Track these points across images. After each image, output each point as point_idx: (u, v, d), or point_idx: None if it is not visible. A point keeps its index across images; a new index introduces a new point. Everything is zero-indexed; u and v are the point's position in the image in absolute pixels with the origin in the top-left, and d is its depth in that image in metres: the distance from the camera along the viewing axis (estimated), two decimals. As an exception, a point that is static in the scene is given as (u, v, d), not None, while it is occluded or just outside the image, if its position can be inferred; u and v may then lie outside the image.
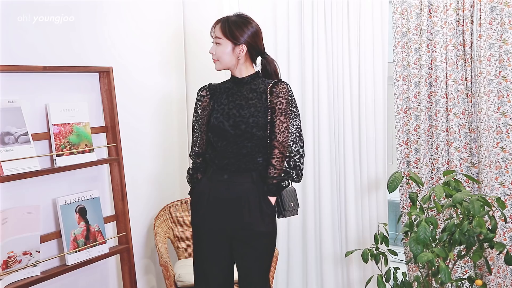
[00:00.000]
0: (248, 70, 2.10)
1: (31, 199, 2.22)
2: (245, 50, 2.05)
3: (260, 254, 2.09)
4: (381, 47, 2.76)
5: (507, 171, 2.39)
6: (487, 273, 2.47)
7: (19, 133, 2.11)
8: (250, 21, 2.08)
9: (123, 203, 2.55)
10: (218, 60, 2.09)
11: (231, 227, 2.07)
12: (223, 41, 2.05)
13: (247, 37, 2.04)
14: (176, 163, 3.17)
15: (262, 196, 2.05)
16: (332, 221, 2.88)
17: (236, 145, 2.04)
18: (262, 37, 2.11)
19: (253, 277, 2.10)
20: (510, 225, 2.41)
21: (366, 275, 2.82)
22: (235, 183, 2.06)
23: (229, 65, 2.09)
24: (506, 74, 2.36)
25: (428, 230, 2.12)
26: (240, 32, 2.03)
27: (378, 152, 2.83)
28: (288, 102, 2.04)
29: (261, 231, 2.05)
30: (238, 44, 2.04)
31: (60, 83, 2.37)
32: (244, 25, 2.05)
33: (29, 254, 2.13)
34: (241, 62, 2.07)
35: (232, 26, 2.04)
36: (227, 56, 2.06)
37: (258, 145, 2.05)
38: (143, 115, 2.89)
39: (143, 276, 2.91)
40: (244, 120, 2.02)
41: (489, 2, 2.36)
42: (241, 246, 2.08)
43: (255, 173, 2.06)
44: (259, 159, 2.06)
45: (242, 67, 2.09)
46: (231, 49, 2.05)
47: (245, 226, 2.05)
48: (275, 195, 2.07)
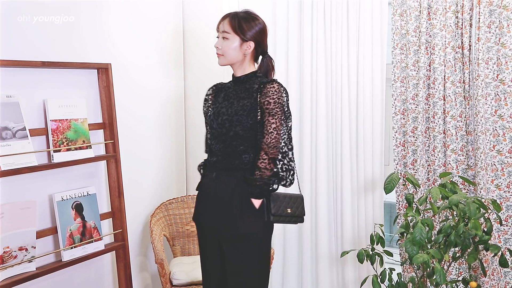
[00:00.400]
0: (250, 68, 2.08)
1: (27, 195, 2.21)
2: (253, 47, 2.02)
3: (245, 258, 2.00)
4: (380, 49, 2.76)
5: (503, 174, 2.40)
6: (481, 275, 2.48)
7: (16, 128, 2.11)
8: (258, 18, 2.05)
9: (119, 200, 2.55)
10: (223, 55, 2.05)
11: (217, 226, 2.03)
12: (231, 36, 2.01)
13: (255, 34, 2.02)
14: (173, 161, 3.17)
15: (245, 197, 1.97)
16: (328, 221, 2.89)
17: (223, 143, 2.01)
18: (267, 36, 2.09)
19: (235, 280, 2.03)
20: (505, 227, 2.43)
21: (361, 276, 2.83)
22: (221, 182, 2.02)
23: (234, 61, 2.05)
24: (504, 78, 2.37)
25: (424, 232, 2.13)
26: (249, 28, 2.01)
27: (375, 153, 2.84)
28: (276, 102, 1.95)
29: (242, 233, 1.97)
30: (246, 40, 2.01)
31: (58, 79, 2.37)
32: (253, 22, 2.02)
33: (25, 250, 2.12)
34: (247, 59, 2.05)
35: (242, 21, 2.01)
36: (233, 51, 2.02)
37: (246, 145, 2.00)
38: (141, 112, 2.89)
39: (138, 273, 2.91)
40: (229, 119, 1.99)
41: (488, 6, 2.37)
42: (227, 247, 2.03)
43: (241, 174, 1.99)
44: (246, 160, 2.00)
45: (245, 65, 2.06)
46: (239, 45, 2.02)
47: (227, 226, 1.99)
48: (257, 198, 1.97)
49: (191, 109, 3.25)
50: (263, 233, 2.04)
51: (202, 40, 3.19)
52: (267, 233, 2.06)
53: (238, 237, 1.98)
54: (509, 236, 2.43)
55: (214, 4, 3.10)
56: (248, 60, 2.05)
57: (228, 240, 2.02)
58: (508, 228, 2.42)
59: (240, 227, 1.97)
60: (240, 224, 1.97)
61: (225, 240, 2.03)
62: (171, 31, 3.12)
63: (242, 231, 1.97)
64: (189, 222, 3.02)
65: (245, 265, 2.01)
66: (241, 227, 1.97)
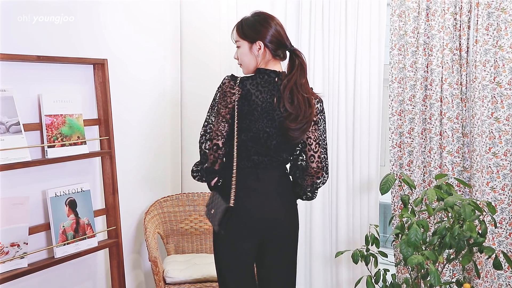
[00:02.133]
0: (274, 68, 1.96)
1: (20, 190, 2.19)
2: (262, 47, 1.93)
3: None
4: (377, 49, 2.76)
5: (498, 177, 2.40)
6: (475, 277, 2.49)
7: (10, 122, 2.08)
8: (264, 16, 1.97)
9: (113, 197, 2.53)
10: (241, 64, 2.00)
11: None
12: (241, 42, 1.97)
13: (259, 32, 1.93)
14: (168, 159, 3.15)
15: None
16: (323, 221, 2.88)
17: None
18: (279, 30, 1.95)
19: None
20: (499, 230, 2.43)
21: (356, 276, 2.83)
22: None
23: (251, 66, 1.97)
24: (501, 80, 2.37)
25: (419, 233, 2.12)
26: (252, 28, 1.94)
27: (371, 154, 2.83)
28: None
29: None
30: (253, 42, 1.94)
31: (54, 74, 2.35)
32: (257, 22, 1.95)
33: (17, 246, 2.10)
34: (266, 60, 1.94)
35: (245, 25, 1.96)
36: (245, 57, 1.97)
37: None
38: (136, 109, 2.87)
39: (132, 271, 2.90)
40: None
41: (486, 8, 2.37)
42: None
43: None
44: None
45: (269, 67, 1.95)
46: (248, 49, 1.95)
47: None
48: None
49: (188, 106, 3.23)
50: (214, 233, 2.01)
51: (200, 36, 3.17)
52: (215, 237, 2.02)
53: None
54: (503, 238, 2.43)
55: (212, 1, 3.09)
56: (266, 61, 1.95)
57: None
58: (502, 230, 2.43)
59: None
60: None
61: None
62: (169, 27, 3.10)
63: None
64: (183, 220, 3.01)
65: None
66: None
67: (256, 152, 1.91)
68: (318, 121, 1.97)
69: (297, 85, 1.89)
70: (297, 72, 1.91)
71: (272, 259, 2.03)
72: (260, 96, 1.89)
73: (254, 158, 1.92)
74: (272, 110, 1.89)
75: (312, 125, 1.93)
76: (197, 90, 3.19)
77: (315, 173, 1.95)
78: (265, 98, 1.89)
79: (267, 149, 1.91)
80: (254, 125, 1.89)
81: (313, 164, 1.93)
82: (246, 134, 1.90)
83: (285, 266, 2.06)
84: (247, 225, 1.94)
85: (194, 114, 3.20)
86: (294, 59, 1.94)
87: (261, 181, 1.93)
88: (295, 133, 1.88)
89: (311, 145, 1.94)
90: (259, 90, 1.90)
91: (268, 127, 1.89)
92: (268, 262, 2.03)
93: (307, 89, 1.93)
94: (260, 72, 1.94)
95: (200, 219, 3.04)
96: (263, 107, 1.89)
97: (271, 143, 1.91)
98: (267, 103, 1.89)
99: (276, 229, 1.98)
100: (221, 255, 2.01)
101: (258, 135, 1.90)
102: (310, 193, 2.03)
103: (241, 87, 1.90)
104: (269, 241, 2.00)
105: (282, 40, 1.94)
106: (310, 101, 1.91)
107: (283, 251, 2.04)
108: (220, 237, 1.98)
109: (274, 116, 1.89)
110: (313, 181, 1.96)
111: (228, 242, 1.97)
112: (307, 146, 1.94)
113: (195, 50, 3.19)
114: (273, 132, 1.90)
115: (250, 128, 1.89)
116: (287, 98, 1.88)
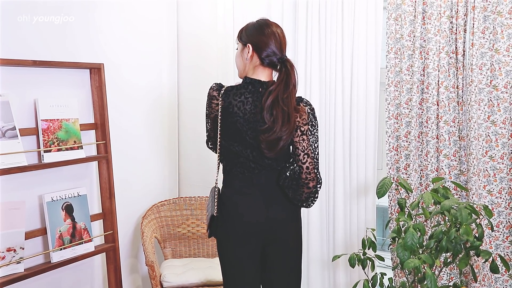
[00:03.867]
0: (260, 76, 1.91)
1: (17, 195, 2.19)
2: (251, 50, 1.89)
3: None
4: (374, 53, 2.76)
5: (495, 180, 2.40)
6: (472, 281, 2.48)
7: (6, 127, 2.08)
8: (264, 21, 1.93)
9: (110, 201, 2.53)
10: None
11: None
12: (238, 44, 1.97)
13: (250, 34, 1.90)
14: (165, 163, 3.15)
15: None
16: (320, 225, 2.88)
17: None
18: (272, 36, 1.88)
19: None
20: (496, 233, 2.43)
21: (353, 280, 2.82)
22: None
23: (240, 68, 1.96)
24: (497, 83, 2.37)
25: (416, 237, 2.12)
26: (247, 32, 1.92)
27: (368, 157, 2.83)
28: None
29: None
30: (245, 43, 1.91)
31: (50, 78, 2.35)
32: (254, 26, 1.92)
33: (13, 251, 2.10)
34: (248, 64, 1.91)
35: (245, 28, 1.95)
36: (237, 59, 1.97)
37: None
38: (133, 113, 2.87)
39: (129, 276, 2.89)
40: None
41: (482, 11, 2.38)
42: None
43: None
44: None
45: (258, 72, 1.91)
46: (240, 51, 1.94)
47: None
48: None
49: (184, 110, 3.23)
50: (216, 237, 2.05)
51: (196, 41, 3.18)
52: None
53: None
54: (500, 242, 2.43)
55: (209, 4, 3.09)
56: (253, 66, 1.91)
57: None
58: (499, 234, 2.42)
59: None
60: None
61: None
62: (166, 31, 3.11)
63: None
64: (180, 224, 3.01)
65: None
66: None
67: (247, 158, 1.91)
68: (307, 132, 1.91)
69: (279, 99, 1.84)
70: (281, 84, 1.85)
71: (274, 263, 2.03)
72: (243, 108, 1.87)
73: (245, 164, 1.91)
74: (255, 121, 1.87)
75: (300, 135, 1.89)
76: (193, 95, 3.19)
77: (304, 183, 1.93)
78: (247, 110, 1.87)
79: (254, 158, 1.90)
80: (239, 134, 1.89)
81: (302, 174, 1.92)
82: (232, 143, 1.91)
83: (288, 270, 2.05)
84: (243, 230, 1.94)
85: (190, 118, 3.20)
86: (283, 70, 1.88)
87: (255, 186, 1.92)
88: (264, 145, 1.84)
89: (299, 156, 1.91)
90: (241, 102, 1.87)
91: (252, 138, 1.88)
92: (270, 266, 2.03)
93: (290, 103, 1.85)
94: (245, 81, 1.92)
95: (197, 224, 3.03)
96: (245, 119, 1.87)
97: (257, 153, 1.89)
98: (250, 114, 1.87)
99: (276, 233, 1.97)
100: (222, 258, 2.04)
101: (244, 144, 1.89)
102: (305, 202, 1.98)
103: (224, 98, 1.89)
104: (270, 245, 2.00)
105: (271, 46, 1.88)
106: (291, 115, 1.84)
107: (286, 255, 2.03)
108: (220, 242, 2.01)
109: (257, 127, 1.87)
110: (303, 191, 1.95)
111: (228, 246, 1.99)
112: (296, 156, 1.93)
113: (192, 54, 3.19)
114: (256, 144, 1.88)
115: (235, 137, 1.90)
116: (267, 110, 1.84)
